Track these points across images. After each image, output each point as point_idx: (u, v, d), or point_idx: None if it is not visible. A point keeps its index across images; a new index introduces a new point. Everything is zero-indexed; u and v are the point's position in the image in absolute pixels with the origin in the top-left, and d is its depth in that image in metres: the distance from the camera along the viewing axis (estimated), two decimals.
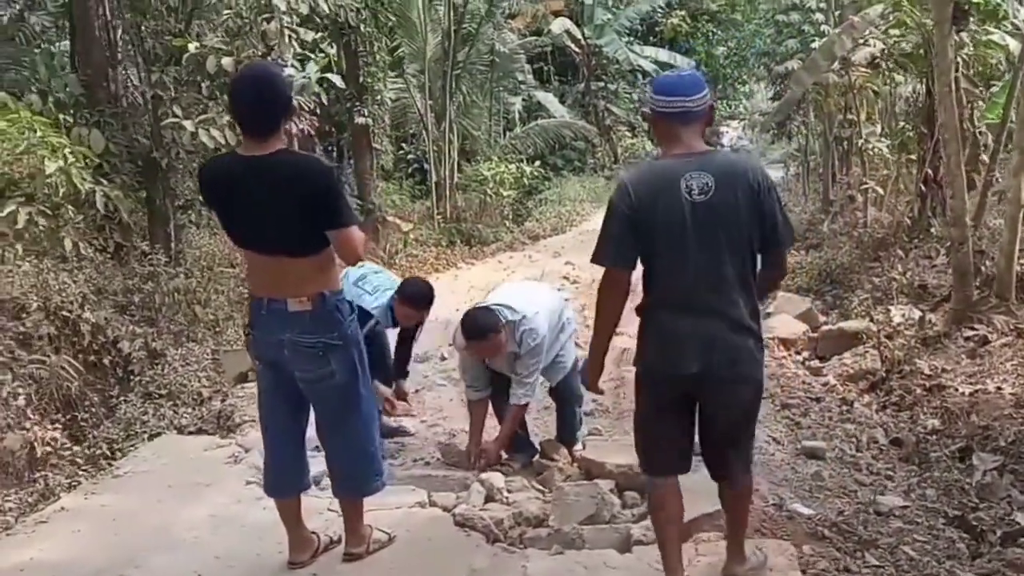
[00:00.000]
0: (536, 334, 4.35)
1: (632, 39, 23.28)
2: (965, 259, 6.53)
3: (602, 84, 22.94)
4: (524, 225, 16.38)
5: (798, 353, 7.67)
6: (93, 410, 6.18)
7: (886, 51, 8.15)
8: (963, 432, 5.24)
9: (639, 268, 2.97)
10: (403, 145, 18.00)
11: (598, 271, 2.99)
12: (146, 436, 5.70)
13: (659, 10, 23.93)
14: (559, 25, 21.20)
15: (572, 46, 22.22)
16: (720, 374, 2.93)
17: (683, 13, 24.14)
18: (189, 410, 6.17)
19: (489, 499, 4.02)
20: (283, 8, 7.44)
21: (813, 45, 11.66)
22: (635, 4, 23.01)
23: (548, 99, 21.84)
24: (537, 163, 18.67)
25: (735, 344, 2.94)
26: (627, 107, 23.57)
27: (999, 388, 5.82)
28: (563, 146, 22.10)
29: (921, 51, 7.99)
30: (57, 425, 5.50)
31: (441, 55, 16.18)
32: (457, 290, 11.01)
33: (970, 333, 6.52)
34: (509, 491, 4.11)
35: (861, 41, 8.58)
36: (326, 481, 3.65)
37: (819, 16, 11.50)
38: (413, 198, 16.87)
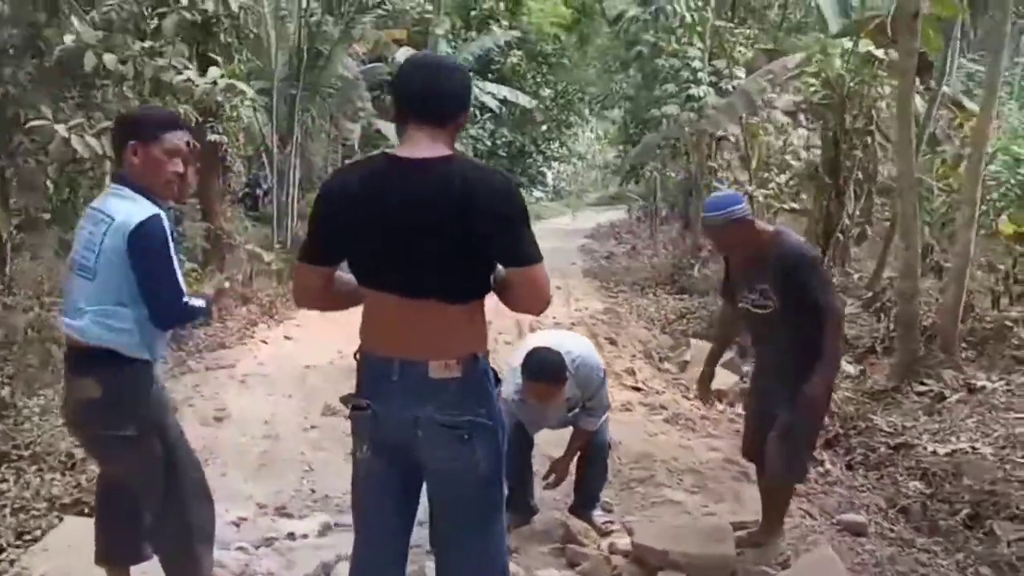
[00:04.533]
0: (598, 370, 4.14)
1: (473, 74, 23.04)
2: (912, 312, 6.49)
3: None
4: None
5: (731, 405, 7.37)
6: None
7: (804, 100, 8.21)
8: (965, 498, 5.05)
9: None
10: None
11: None
12: (7, 512, 4.51)
13: (497, 48, 23.86)
14: (404, 54, 20.52)
15: None
16: None
17: (520, 53, 24.17)
18: (59, 476, 5.00)
19: None
20: (184, 2, 6.34)
21: (691, 91, 11.76)
22: (478, 40, 22.80)
23: (389, 128, 21.08)
24: None
25: None
26: (465, 142, 23.22)
27: (974, 448, 5.73)
28: None
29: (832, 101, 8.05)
30: None
31: (288, 75, 15.21)
32: (337, 333, 9.96)
33: (922, 389, 6.47)
34: None
35: (779, 89, 8.61)
36: None
37: (697, 63, 11.59)
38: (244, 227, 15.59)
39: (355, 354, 2.53)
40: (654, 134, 14.09)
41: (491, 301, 2.51)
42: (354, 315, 2.60)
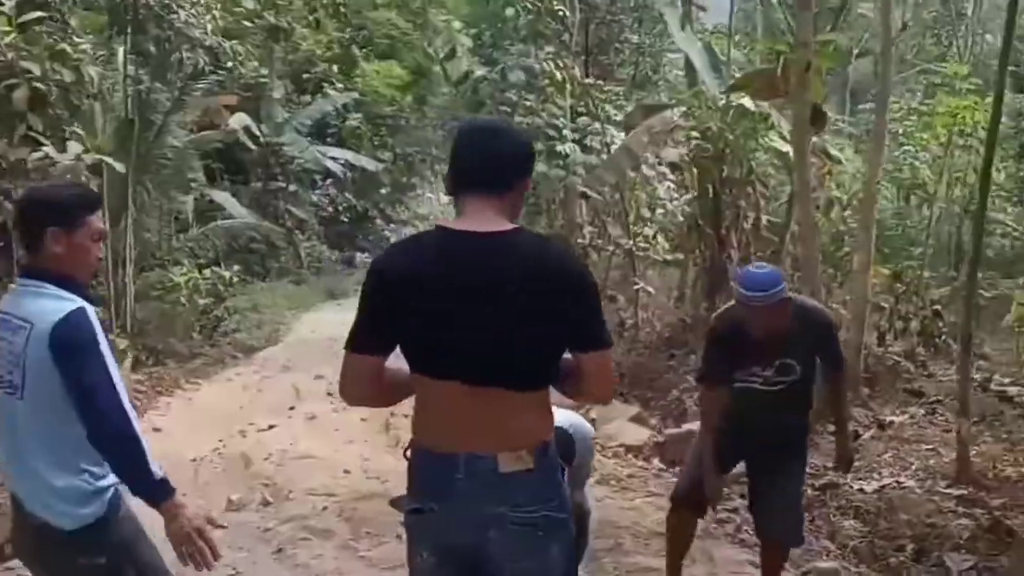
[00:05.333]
0: (590, 436, 3.96)
1: (311, 139, 22.54)
2: None
3: (282, 185, 21.78)
4: (235, 336, 14.67)
5: (647, 460, 7.28)
6: None
7: (688, 152, 8.41)
8: (907, 533, 5.14)
9: None
10: None
11: None
12: None
13: (334, 111, 23.53)
14: (238, 120, 19.79)
15: (250, 143, 20.89)
16: None
17: (359, 116, 23.89)
18: None
19: None
20: (37, 73, 5.71)
21: (556, 148, 11.89)
22: (314, 104, 22.42)
23: (226, 199, 20.18)
24: (218, 267, 17.01)
25: None
26: (309, 210, 22.64)
27: (899, 483, 5.88)
28: (238, 249, 20.54)
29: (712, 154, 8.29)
30: None
31: (116, 147, 14.26)
32: (206, 419, 9.20)
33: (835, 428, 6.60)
34: None
35: (664, 142, 8.78)
36: None
37: (561, 121, 11.76)
38: None
39: (405, 451, 2.26)
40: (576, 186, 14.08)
41: None
42: (219, 397, 2.26)
